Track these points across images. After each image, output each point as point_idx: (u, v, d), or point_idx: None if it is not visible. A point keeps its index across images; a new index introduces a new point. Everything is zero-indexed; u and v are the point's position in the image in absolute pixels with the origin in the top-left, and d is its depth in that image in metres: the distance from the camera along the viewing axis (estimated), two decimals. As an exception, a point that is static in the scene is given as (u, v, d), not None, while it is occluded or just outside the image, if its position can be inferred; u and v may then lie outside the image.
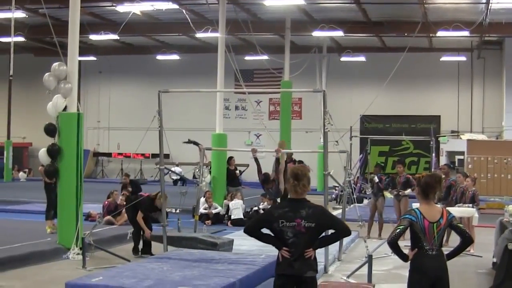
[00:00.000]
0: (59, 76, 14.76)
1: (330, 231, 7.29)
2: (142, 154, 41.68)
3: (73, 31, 15.10)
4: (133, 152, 37.89)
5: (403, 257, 7.36)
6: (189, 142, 24.71)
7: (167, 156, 37.97)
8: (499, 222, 14.38)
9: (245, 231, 7.26)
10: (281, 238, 6.95)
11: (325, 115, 13.31)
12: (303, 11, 30.15)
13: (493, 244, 14.68)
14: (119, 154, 43.44)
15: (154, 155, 38.86)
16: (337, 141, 16.15)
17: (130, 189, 20.55)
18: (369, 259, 12.25)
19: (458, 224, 7.45)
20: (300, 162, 24.03)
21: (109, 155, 43.82)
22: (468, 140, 35.35)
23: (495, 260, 13.49)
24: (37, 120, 41.06)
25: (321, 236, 7.10)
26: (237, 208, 22.03)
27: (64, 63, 14.93)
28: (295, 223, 6.88)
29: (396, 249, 7.30)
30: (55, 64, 14.89)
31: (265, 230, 7.15)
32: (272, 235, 7.07)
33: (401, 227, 7.26)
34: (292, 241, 6.90)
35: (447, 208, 16.90)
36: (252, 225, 7.30)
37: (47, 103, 15.06)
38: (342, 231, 7.16)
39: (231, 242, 15.16)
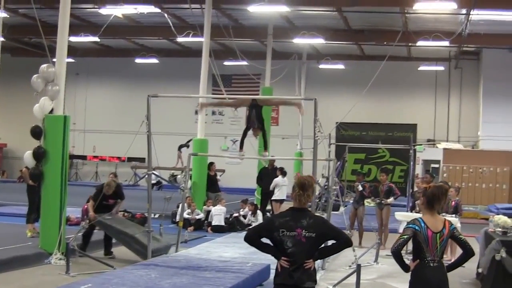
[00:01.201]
0: (47, 78, 14.64)
1: (330, 241, 7.26)
2: (118, 157, 41.51)
3: (62, 34, 15.03)
4: (122, 155, 37.69)
5: (405, 268, 7.37)
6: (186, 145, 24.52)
7: (142, 160, 38.04)
8: (484, 233, 14.44)
9: (245, 240, 7.17)
10: (281, 247, 6.92)
11: (316, 123, 13.23)
12: (284, 18, 30.19)
13: (475, 254, 14.76)
14: (94, 157, 43.18)
15: (130, 159, 38.71)
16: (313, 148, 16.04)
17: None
18: (358, 269, 12.25)
19: (460, 236, 7.48)
20: (281, 168, 24.14)
21: (84, 157, 43.50)
22: (444, 149, 35.64)
23: (480, 270, 13.56)
24: (14, 121, 41.04)
25: (321, 246, 7.06)
26: (219, 215, 21.95)
27: (52, 65, 14.78)
28: (296, 232, 6.85)
29: (399, 259, 7.31)
30: (44, 66, 14.76)
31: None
32: (272, 244, 7.04)
33: (405, 236, 7.26)
34: (292, 250, 6.86)
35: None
36: (252, 233, 7.23)
37: (24, 103, 15.01)
38: (343, 242, 7.09)
39: (167, 247, 15.29)
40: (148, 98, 14.08)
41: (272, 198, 23.27)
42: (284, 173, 23.87)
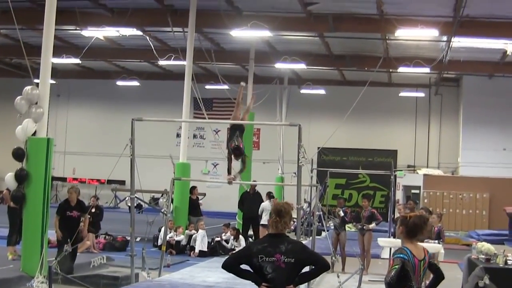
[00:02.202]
0: (31, 100, 14.53)
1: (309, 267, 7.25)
2: (98, 180, 41.34)
3: (46, 55, 14.89)
4: (102, 178, 37.50)
5: None
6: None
7: (123, 182, 37.90)
8: (467, 259, 14.48)
9: (223, 267, 7.14)
10: (261, 273, 6.90)
11: (300, 149, 13.21)
12: (266, 43, 30.26)
13: (458, 280, 14.80)
14: (74, 179, 42.93)
15: (109, 181, 38.50)
16: (295, 173, 16.10)
17: (93, 210, 20.39)
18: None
19: (434, 262, 7.56)
20: (269, 193, 24.11)
21: (64, 179, 43.25)
22: (425, 175, 35.78)
23: (463, 297, 13.59)
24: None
25: (301, 272, 7.04)
26: (197, 240, 21.81)
27: (36, 87, 14.69)
28: (275, 258, 6.86)
29: None
30: (28, 88, 14.65)
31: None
32: (251, 271, 7.01)
33: (396, 266, 7.17)
34: (272, 276, 6.85)
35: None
36: (231, 261, 7.18)
37: (4, 124, 14.88)
38: (321, 266, 7.13)
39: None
40: (133, 121, 14.01)
41: (261, 223, 23.13)
42: (272, 197, 23.84)
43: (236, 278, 7.08)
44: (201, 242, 21.69)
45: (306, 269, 7.15)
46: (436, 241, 16.54)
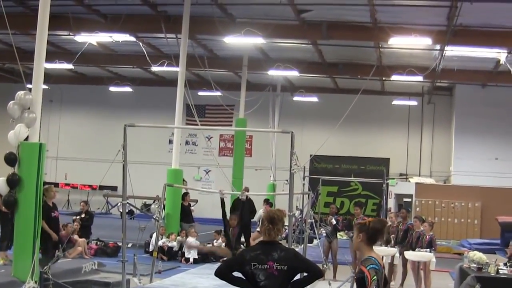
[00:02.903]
0: (24, 105, 14.49)
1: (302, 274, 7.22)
2: (90, 186, 41.26)
3: (39, 60, 14.86)
4: (94, 183, 37.38)
5: None
6: None
7: (114, 188, 37.80)
8: (459, 268, 14.49)
9: (216, 274, 7.11)
10: (253, 281, 6.86)
11: (292, 156, 13.20)
12: (259, 50, 30.28)
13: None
14: (66, 184, 42.85)
15: (101, 187, 38.37)
16: (287, 180, 16.10)
17: (83, 216, 20.34)
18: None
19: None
20: (267, 200, 24.12)
21: (56, 185, 43.07)
22: (417, 184, 35.80)
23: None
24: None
25: (293, 280, 7.01)
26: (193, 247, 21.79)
27: (29, 92, 14.65)
28: (267, 265, 6.82)
29: None
30: (21, 93, 14.59)
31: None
32: (244, 278, 6.98)
33: (374, 278, 6.94)
34: (264, 283, 6.81)
35: (404, 252, 17.15)
36: (223, 268, 7.14)
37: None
38: (314, 274, 7.09)
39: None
40: (125, 127, 13.97)
41: (257, 229, 23.09)
42: (270, 204, 23.85)
43: (227, 285, 7.06)
44: (192, 251, 21.64)
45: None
46: (428, 249, 16.55)
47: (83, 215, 21.58)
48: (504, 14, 22.70)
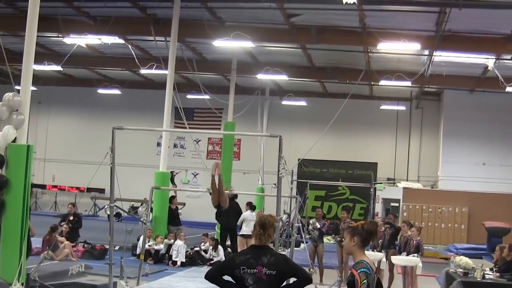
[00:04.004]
0: (12, 106, 14.43)
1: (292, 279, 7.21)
2: (77, 188, 41.19)
3: (28, 62, 14.77)
4: (81, 185, 37.27)
5: None
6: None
7: (102, 190, 37.75)
8: (445, 273, 14.55)
9: (206, 278, 7.14)
10: (242, 285, 6.88)
11: (280, 160, 13.21)
12: (248, 53, 30.29)
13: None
14: (54, 186, 42.78)
15: (89, 189, 38.29)
16: (275, 184, 16.10)
17: (71, 218, 20.27)
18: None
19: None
20: (250, 203, 24.12)
21: (43, 187, 43.07)
22: (404, 188, 35.89)
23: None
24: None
25: (282, 285, 7.03)
26: (176, 250, 21.75)
27: (17, 94, 14.60)
28: (256, 270, 6.84)
29: None
30: (9, 94, 14.53)
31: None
32: (233, 282, 6.99)
33: (364, 281, 6.95)
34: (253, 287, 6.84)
35: (392, 256, 17.19)
36: (213, 271, 7.18)
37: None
38: (303, 279, 7.10)
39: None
40: (113, 130, 13.95)
41: (240, 233, 23.13)
42: (253, 208, 23.84)
43: (214, 287, 7.08)
44: (180, 254, 21.61)
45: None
46: (415, 254, 16.59)
47: (71, 218, 21.51)
48: (493, 21, 22.81)
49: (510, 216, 31.06)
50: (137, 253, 20.85)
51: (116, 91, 39.68)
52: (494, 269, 15.43)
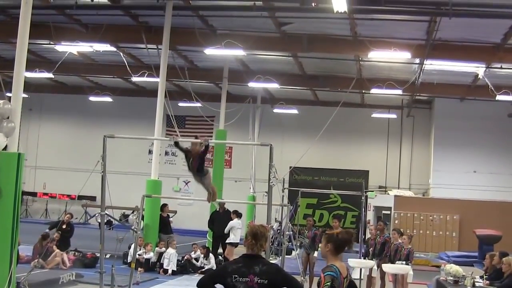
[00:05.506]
0: (3, 114, 14.39)
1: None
2: (68, 195, 41.12)
3: (19, 69, 14.73)
4: (72, 193, 37.25)
5: None
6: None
7: (93, 198, 37.71)
8: (436, 281, 14.58)
9: (198, 286, 7.15)
10: (234, 293, 6.92)
11: (271, 169, 13.19)
12: (240, 61, 30.32)
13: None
14: (45, 194, 42.70)
15: (80, 197, 38.22)
16: (266, 192, 16.04)
17: (64, 227, 20.24)
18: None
19: (351, 279, 7.48)
20: (236, 211, 24.06)
21: (34, 194, 42.98)
22: (396, 196, 35.91)
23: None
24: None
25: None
26: (167, 259, 21.72)
27: (8, 101, 14.57)
28: (248, 278, 6.87)
29: None
30: (0, 102, 14.52)
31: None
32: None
33: (328, 283, 7.06)
34: (244, 296, 6.87)
35: (383, 264, 17.21)
36: (205, 279, 7.22)
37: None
38: None
39: None
40: (104, 138, 13.90)
41: (227, 241, 23.14)
42: (239, 216, 23.81)
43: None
44: (171, 262, 21.58)
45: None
46: (405, 262, 16.63)
47: (64, 226, 21.48)
48: (482, 30, 22.94)
49: (501, 224, 31.10)
50: (128, 261, 20.82)
51: (108, 99, 39.64)
52: (484, 277, 15.48)
